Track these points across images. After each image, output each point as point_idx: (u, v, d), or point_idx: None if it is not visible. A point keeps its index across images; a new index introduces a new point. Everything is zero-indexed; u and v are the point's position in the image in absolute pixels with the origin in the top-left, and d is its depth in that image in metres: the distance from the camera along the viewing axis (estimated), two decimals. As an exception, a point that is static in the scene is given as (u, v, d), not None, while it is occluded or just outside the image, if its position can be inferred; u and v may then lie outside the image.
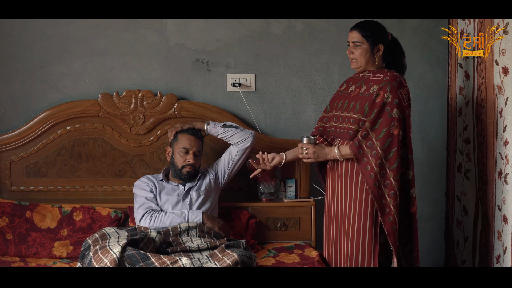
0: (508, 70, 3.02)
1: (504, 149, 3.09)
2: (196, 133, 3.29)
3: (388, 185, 2.91)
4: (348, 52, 3.04)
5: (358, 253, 2.98)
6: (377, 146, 2.90)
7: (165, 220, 3.11)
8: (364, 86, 3.01)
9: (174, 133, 3.29)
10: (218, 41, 3.68)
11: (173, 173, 3.31)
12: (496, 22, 3.11)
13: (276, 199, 3.60)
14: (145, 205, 3.19)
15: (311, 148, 3.04)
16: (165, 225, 3.10)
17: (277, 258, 3.20)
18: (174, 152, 3.28)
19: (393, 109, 2.90)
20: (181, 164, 3.24)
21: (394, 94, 2.91)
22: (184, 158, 3.24)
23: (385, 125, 2.90)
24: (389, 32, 3.05)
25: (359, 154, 2.92)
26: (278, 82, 3.73)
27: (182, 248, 2.92)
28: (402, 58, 3.07)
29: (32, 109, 3.60)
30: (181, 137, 3.27)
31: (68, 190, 3.60)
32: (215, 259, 2.76)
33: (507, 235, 3.08)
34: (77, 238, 3.29)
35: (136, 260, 2.67)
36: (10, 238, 3.26)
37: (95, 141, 3.60)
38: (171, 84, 3.67)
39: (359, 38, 2.99)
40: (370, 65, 3.02)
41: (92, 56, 3.64)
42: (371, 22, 3.03)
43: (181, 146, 3.24)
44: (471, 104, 3.43)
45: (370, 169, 2.91)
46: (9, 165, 3.56)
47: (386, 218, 2.91)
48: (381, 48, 3.00)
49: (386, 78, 2.95)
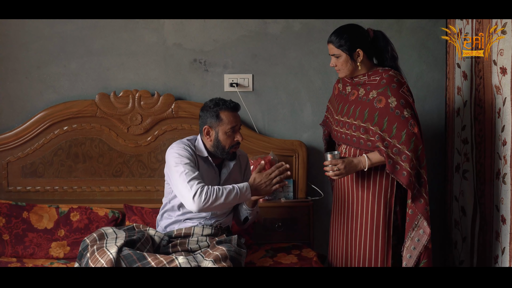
0: (506, 70, 3.02)
1: (502, 149, 3.08)
2: (238, 106, 3.03)
3: (423, 184, 2.92)
4: (331, 65, 3.02)
5: (371, 256, 2.98)
6: (404, 150, 2.88)
7: (220, 196, 2.83)
8: (362, 90, 2.99)
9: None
10: (216, 41, 3.68)
11: (215, 153, 3.03)
12: (494, 22, 3.11)
13: (274, 199, 3.59)
14: (195, 174, 2.87)
15: (340, 164, 2.93)
16: (219, 202, 2.83)
17: (275, 259, 3.19)
18: (218, 133, 2.98)
19: (403, 111, 2.88)
20: (230, 144, 2.99)
21: (397, 96, 2.89)
22: (232, 137, 2.98)
23: (403, 128, 2.88)
24: (369, 29, 3.00)
25: (390, 164, 2.89)
26: (275, 82, 3.72)
27: (184, 248, 2.91)
28: (389, 49, 3.00)
29: (29, 109, 3.60)
30: (225, 115, 2.96)
31: (65, 191, 3.59)
32: (207, 255, 2.77)
33: (505, 235, 3.08)
34: (74, 238, 3.28)
35: (132, 260, 2.66)
36: (7, 239, 3.25)
37: (92, 141, 3.59)
38: (168, 84, 3.67)
39: (335, 50, 2.97)
40: (357, 70, 2.99)
41: (89, 56, 3.63)
42: (344, 29, 2.97)
43: (228, 126, 2.96)
44: (469, 104, 3.42)
45: (407, 175, 2.88)
46: (5, 166, 3.55)
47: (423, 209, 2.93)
48: (360, 53, 2.95)
49: (383, 82, 2.93)
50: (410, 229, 2.95)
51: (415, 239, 2.95)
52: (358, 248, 3.03)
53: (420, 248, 2.95)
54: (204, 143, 3.04)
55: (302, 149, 3.65)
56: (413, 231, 2.95)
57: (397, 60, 3.02)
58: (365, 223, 3.00)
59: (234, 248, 2.82)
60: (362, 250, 3.01)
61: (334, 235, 3.19)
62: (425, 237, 2.93)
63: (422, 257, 2.96)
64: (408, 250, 2.97)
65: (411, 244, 2.96)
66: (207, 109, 3.00)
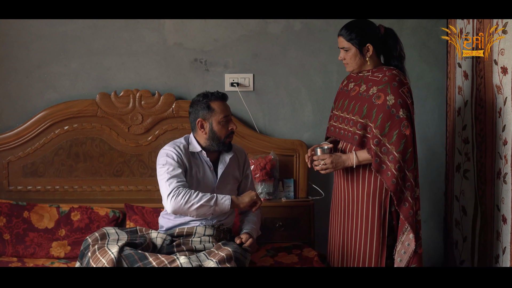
0: (507, 70, 3.02)
1: (503, 149, 3.08)
2: (226, 96, 3.03)
3: (409, 187, 2.90)
4: (340, 58, 3.02)
5: (365, 256, 2.98)
6: (392, 150, 2.87)
7: (194, 198, 2.83)
8: (364, 86, 2.99)
9: None
10: (216, 40, 3.67)
11: (211, 146, 3.01)
12: (495, 22, 3.10)
13: (275, 199, 3.59)
14: (176, 172, 2.90)
15: (328, 158, 2.95)
16: (192, 204, 2.84)
17: (276, 258, 3.19)
18: (212, 124, 2.97)
19: (399, 110, 2.87)
20: (225, 134, 2.98)
21: (396, 94, 2.88)
22: (226, 127, 2.97)
23: (395, 127, 2.86)
24: (380, 25, 2.99)
25: (376, 162, 2.88)
26: (276, 82, 3.72)
27: (188, 247, 2.90)
28: (398, 48, 2.99)
29: (30, 109, 3.60)
30: (216, 105, 2.96)
31: (66, 190, 3.59)
32: (211, 255, 2.76)
33: (506, 235, 3.08)
34: (75, 238, 3.28)
35: (134, 260, 2.66)
36: (8, 238, 3.25)
37: (92, 141, 3.59)
38: (169, 83, 3.67)
39: (345, 43, 2.96)
40: (365, 65, 2.99)
41: (90, 55, 3.63)
42: (356, 23, 2.97)
43: (221, 115, 2.95)
44: (470, 104, 3.42)
45: (391, 175, 2.87)
46: (6, 165, 3.55)
47: (407, 213, 2.90)
48: (370, 48, 2.94)
49: (385, 79, 2.91)
50: (401, 232, 2.95)
51: (406, 243, 2.94)
52: (353, 247, 3.02)
53: (409, 253, 2.94)
54: (197, 139, 3.03)
55: (302, 149, 3.65)
56: (403, 235, 2.94)
57: (404, 60, 3.01)
58: (360, 223, 3.00)
59: (240, 250, 2.82)
60: (357, 250, 3.01)
61: (331, 235, 3.20)
62: (414, 243, 2.92)
63: (411, 262, 2.94)
64: (399, 254, 2.96)
65: (401, 248, 2.95)
66: (197, 103, 3.00)
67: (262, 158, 3.55)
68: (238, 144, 3.63)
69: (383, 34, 2.99)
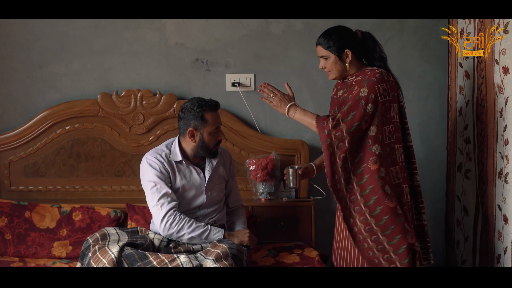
0: (508, 70, 3.02)
1: (505, 148, 3.08)
2: (218, 105, 3.03)
3: (351, 190, 2.87)
4: (320, 67, 3.01)
5: None
6: (345, 139, 2.84)
7: (187, 227, 2.90)
8: (349, 90, 2.98)
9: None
10: (218, 40, 3.68)
11: (198, 153, 3.02)
12: (496, 22, 3.10)
13: (276, 199, 3.59)
14: (165, 191, 2.94)
15: (277, 96, 3.00)
16: (183, 234, 2.90)
17: (277, 258, 3.19)
18: (203, 135, 2.97)
19: (367, 104, 2.83)
20: (214, 143, 3.00)
21: (370, 88, 2.84)
22: (215, 136, 3.00)
23: (357, 119, 2.83)
24: (357, 30, 2.98)
25: (326, 143, 2.84)
26: (277, 82, 3.70)
27: (186, 248, 2.91)
28: (377, 50, 2.98)
29: (31, 109, 3.60)
30: (209, 116, 2.96)
31: (67, 190, 3.59)
32: (208, 254, 2.77)
33: (507, 235, 3.08)
34: (76, 238, 3.28)
35: (134, 260, 2.67)
36: (9, 238, 3.25)
37: (94, 141, 3.59)
38: (170, 83, 3.67)
39: (324, 51, 2.95)
40: (347, 71, 2.98)
41: (91, 55, 3.63)
42: (332, 31, 2.96)
43: (213, 127, 2.96)
44: (471, 104, 3.42)
45: (333, 161, 2.84)
46: (8, 165, 3.55)
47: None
48: (349, 53, 2.92)
49: (365, 77, 2.91)
50: None
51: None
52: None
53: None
54: (182, 145, 3.03)
55: (304, 149, 3.65)
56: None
57: (386, 60, 2.99)
58: None
59: (235, 246, 2.83)
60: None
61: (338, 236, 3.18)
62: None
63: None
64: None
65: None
66: (190, 111, 2.96)
67: (264, 158, 3.55)
68: (240, 144, 3.64)
69: (361, 38, 2.98)
